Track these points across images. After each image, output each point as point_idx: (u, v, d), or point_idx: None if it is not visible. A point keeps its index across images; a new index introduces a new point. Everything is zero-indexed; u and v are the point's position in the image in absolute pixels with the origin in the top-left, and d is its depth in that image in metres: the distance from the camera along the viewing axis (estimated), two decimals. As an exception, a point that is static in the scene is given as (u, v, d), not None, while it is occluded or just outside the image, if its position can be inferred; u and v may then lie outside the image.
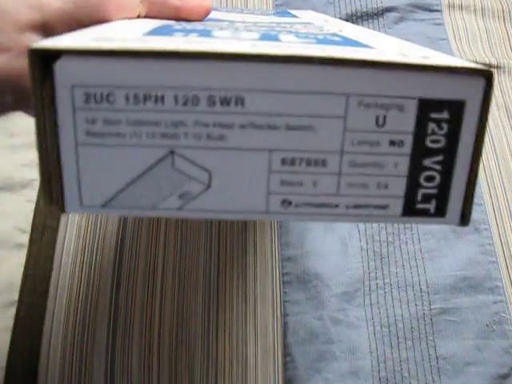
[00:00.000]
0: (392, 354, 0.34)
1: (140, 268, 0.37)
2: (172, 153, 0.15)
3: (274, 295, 0.36)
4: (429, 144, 0.16)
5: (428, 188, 0.16)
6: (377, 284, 0.36)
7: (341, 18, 0.48)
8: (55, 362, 0.34)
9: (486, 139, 0.42)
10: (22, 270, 0.37)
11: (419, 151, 0.16)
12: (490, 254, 0.37)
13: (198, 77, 0.15)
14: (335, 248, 0.37)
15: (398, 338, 0.35)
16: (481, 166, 0.41)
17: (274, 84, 0.15)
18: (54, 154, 0.15)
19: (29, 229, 0.39)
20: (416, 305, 0.36)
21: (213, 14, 0.32)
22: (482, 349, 0.34)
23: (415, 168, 0.16)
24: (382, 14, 0.48)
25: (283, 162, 0.16)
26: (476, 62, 0.45)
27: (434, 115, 0.15)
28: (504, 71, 0.45)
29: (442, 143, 0.16)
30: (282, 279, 0.37)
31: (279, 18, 0.32)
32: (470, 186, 0.16)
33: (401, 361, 0.34)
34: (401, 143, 0.16)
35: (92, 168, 0.15)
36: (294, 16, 0.34)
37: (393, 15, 0.48)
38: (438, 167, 0.16)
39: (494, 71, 0.45)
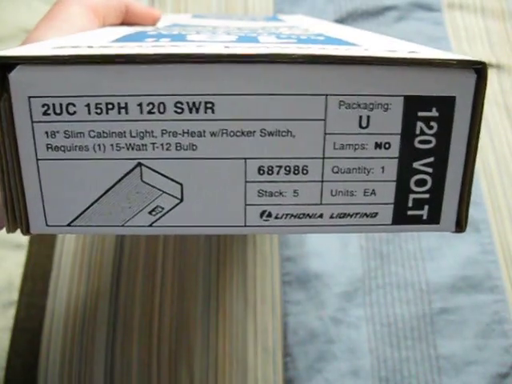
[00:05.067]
0: (392, 353, 0.34)
1: (140, 267, 0.37)
2: (140, 165, 0.14)
3: (274, 295, 0.36)
4: (418, 145, 0.15)
5: (419, 193, 0.15)
6: (377, 283, 0.36)
7: (341, 16, 0.48)
8: (55, 362, 0.34)
9: (486, 139, 0.42)
10: (21, 269, 0.37)
11: (408, 153, 0.15)
12: (489, 254, 0.37)
13: (163, 82, 0.14)
14: (335, 247, 0.37)
15: (398, 338, 0.35)
16: (480, 165, 0.41)
17: (246, 87, 0.14)
18: (15, 171, 0.14)
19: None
20: (416, 304, 0.36)
21: (197, 21, 0.32)
22: (481, 348, 0.34)
23: (404, 172, 0.15)
24: (383, 12, 0.48)
25: (260, 170, 0.15)
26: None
27: (422, 114, 0.14)
28: (504, 71, 0.45)
29: (433, 144, 0.15)
30: (282, 279, 0.37)
31: (267, 23, 0.31)
32: (465, 188, 0.15)
33: (401, 360, 0.34)
34: (387, 145, 0.15)
35: (55, 185, 0.15)
36: (283, 21, 0.34)
37: (393, 14, 0.48)
38: (429, 170, 0.15)
39: (494, 71, 0.45)
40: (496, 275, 0.36)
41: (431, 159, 0.15)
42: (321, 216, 0.15)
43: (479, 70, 0.14)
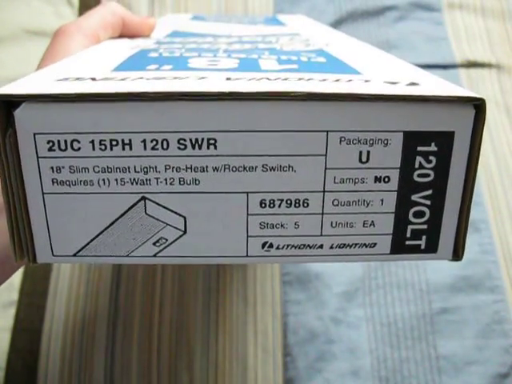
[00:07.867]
0: (392, 353, 0.34)
1: (140, 268, 0.37)
2: (144, 199, 0.15)
3: (274, 295, 0.36)
4: (416, 178, 0.15)
5: (417, 224, 0.15)
6: (377, 283, 0.36)
7: (341, 16, 0.48)
8: (55, 362, 0.34)
9: (486, 139, 0.42)
10: (21, 269, 0.37)
11: (407, 186, 0.15)
12: (489, 254, 0.37)
13: (166, 119, 0.14)
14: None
15: (398, 338, 0.35)
16: (480, 165, 0.41)
17: (247, 124, 0.14)
18: (21, 204, 0.14)
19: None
20: (416, 304, 0.36)
21: (199, 26, 0.32)
22: (482, 348, 0.34)
23: (403, 204, 0.15)
24: (383, 12, 0.48)
25: (262, 203, 0.15)
26: (476, 62, 0.45)
27: (421, 148, 0.14)
28: (504, 71, 0.45)
29: (431, 177, 0.15)
30: (282, 279, 0.37)
31: (267, 28, 0.31)
32: (463, 218, 0.15)
33: (401, 360, 0.34)
34: (387, 179, 0.15)
35: (61, 217, 0.15)
36: (283, 24, 0.34)
37: (393, 14, 0.48)
38: (427, 202, 0.15)
39: (494, 71, 0.45)
40: (496, 275, 0.36)
41: (429, 192, 0.15)
42: (321, 246, 0.16)
43: (478, 105, 0.14)
